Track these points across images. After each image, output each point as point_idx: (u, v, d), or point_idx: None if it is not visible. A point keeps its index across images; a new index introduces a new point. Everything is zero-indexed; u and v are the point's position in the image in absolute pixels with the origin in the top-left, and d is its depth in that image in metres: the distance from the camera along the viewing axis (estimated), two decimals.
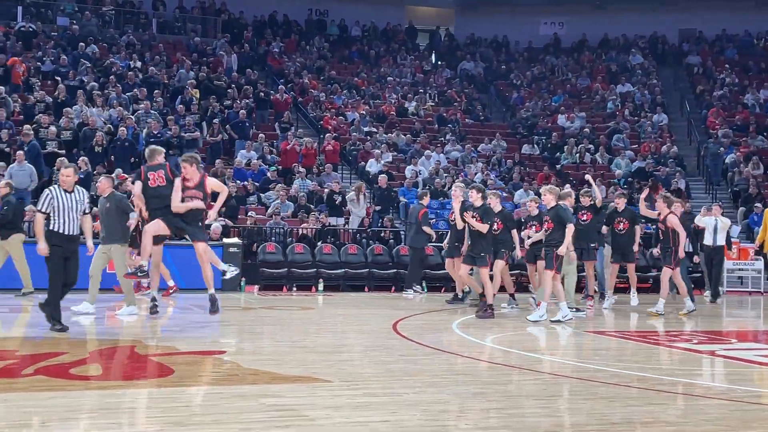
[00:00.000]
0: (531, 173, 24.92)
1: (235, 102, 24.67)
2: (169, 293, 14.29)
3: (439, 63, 33.16)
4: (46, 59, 24.59)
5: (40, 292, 14.54)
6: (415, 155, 24.52)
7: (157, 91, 23.99)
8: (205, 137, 22.89)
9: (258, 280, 17.85)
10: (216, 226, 17.14)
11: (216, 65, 26.74)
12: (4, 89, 21.84)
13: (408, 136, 25.92)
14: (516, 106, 30.09)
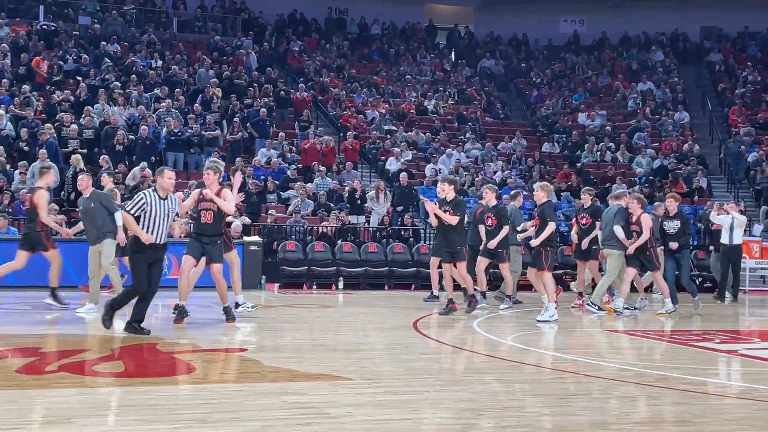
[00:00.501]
0: (551, 171, 24.84)
1: (256, 100, 24.75)
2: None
3: (459, 61, 33.11)
4: (68, 58, 24.75)
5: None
6: (435, 153, 24.50)
7: (178, 90, 24.10)
8: (226, 135, 22.98)
9: (278, 278, 17.91)
10: (237, 224, 17.18)
11: (237, 64, 26.83)
12: (28, 88, 22.01)
13: (428, 134, 25.91)
14: (536, 104, 30.01)
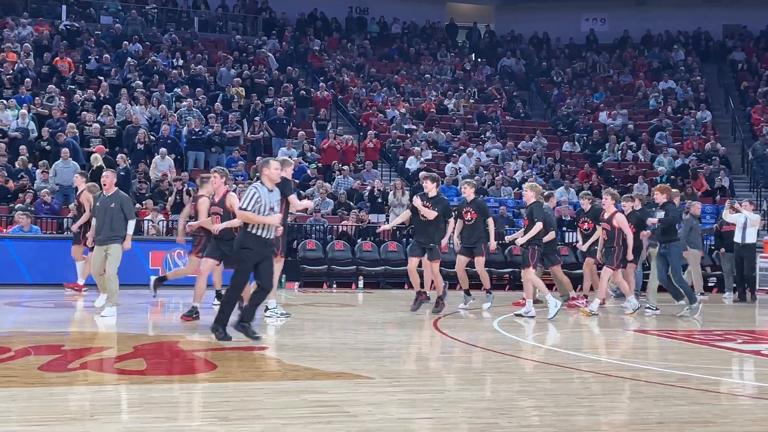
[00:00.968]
0: (572, 171, 24.75)
1: (276, 99, 24.80)
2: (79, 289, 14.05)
3: (479, 60, 33.03)
4: (90, 58, 24.90)
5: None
6: (455, 152, 24.46)
7: (200, 89, 24.19)
8: (246, 135, 23.04)
9: (298, 277, 17.95)
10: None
11: (258, 63, 26.89)
12: (54, 88, 22.16)
13: (448, 133, 25.87)
14: (557, 103, 29.89)
